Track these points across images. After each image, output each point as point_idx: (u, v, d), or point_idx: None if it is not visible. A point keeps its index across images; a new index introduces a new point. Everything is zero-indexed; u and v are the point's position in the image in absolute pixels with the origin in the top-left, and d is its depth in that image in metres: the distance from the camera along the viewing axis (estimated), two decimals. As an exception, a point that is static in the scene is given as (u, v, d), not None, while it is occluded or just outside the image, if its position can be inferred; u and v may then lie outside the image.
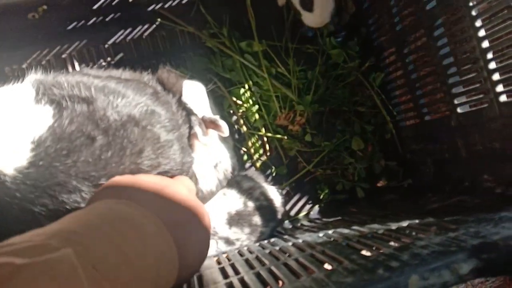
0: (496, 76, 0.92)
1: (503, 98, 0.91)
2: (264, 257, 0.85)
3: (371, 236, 0.79)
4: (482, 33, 0.94)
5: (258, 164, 1.31)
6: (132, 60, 1.27)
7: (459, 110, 1.06)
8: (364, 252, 0.71)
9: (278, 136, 1.29)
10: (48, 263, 0.42)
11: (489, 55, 0.92)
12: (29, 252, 0.44)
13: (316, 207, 1.32)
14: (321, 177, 1.32)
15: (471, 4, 0.93)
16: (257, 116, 1.29)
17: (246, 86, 1.30)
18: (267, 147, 1.31)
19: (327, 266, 0.69)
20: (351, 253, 0.70)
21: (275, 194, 1.16)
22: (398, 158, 1.34)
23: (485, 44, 0.93)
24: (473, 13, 0.94)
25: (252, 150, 1.30)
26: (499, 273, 0.55)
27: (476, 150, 1.04)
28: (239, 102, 1.30)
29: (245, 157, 1.31)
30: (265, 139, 1.30)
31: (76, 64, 1.25)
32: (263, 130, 1.29)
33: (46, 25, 1.24)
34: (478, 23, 0.94)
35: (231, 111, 1.31)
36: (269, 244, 0.99)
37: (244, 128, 1.30)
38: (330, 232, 0.93)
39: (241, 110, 1.30)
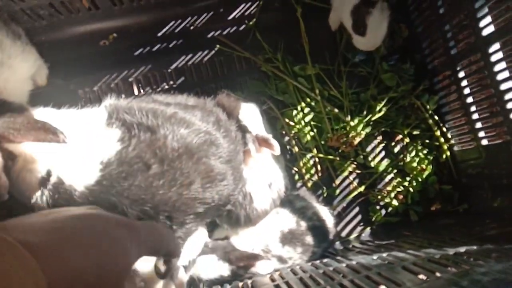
0: (559, 102, 0.90)
1: None
2: (318, 276, 0.87)
3: (428, 260, 0.79)
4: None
5: (309, 184, 1.33)
6: (193, 84, 1.35)
7: (519, 135, 1.03)
8: (421, 276, 0.71)
9: (330, 157, 1.32)
10: None
11: (552, 80, 0.91)
12: None
13: (368, 229, 1.32)
14: (373, 199, 1.33)
15: (531, 29, 0.93)
16: (309, 137, 1.32)
17: (299, 108, 1.34)
18: (319, 167, 1.33)
19: (383, 289, 0.70)
20: (407, 276, 0.71)
21: (327, 215, 1.18)
22: (453, 182, 1.32)
23: (547, 69, 0.91)
24: (534, 38, 0.93)
25: (304, 170, 1.33)
26: None
27: (538, 176, 1.01)
28: (292, 123, 1.34)
29: (296, 177, 1.34)
30: (317, 159, 1.33)
31: (141, 87, 1.34)
32: (315, 150, 1.32)
33: (115, 51, 1.35)
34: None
35: (284, 132, 1.35)
36: (322, 264, 1.01)
37: (296, 149, 1.33)
38: (384, 255, 0.93)
39: (293, 131, 1.34)
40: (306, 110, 1.34)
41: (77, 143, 0.87)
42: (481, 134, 1.19)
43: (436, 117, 1.33)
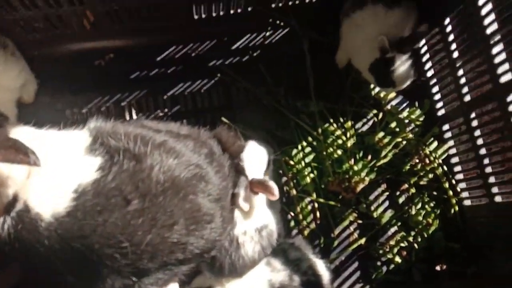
0: None
1: None
2: None
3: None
4: None
5: (305, 232, 1.22)
6: (187, 113, 1.27)
7: (540, 195, 0.94)
8: None
9: (331, 202, 1.21)
10: None
11: None
12: None
13: None
14: (374, 254, 1.21)
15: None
16: (308, 179, 1.23)
17: (299, 147, 1.25)
18: (317, 214, 1.22)
19: None
20: None
21: (324, 270, 1.06)
22: (461, 240, 1.21)
23: None
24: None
25: (301, 216, 1.22)
26: None
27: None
28: (291, 162, 1.24)
29: (292, 223, 1.23)
30: (316, 205, 1.22)
31: (134, 113, 1.26)
32: (314, 195, 1.22)
33: (110, 72, 1.28)
34: None
35: (281, 172, 1.25)
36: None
37: (294, 191, 1.23)
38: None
39: (291, 172, 1.24)
40: (307, 149, 1.25)
41: (52, 167, 0.77)
42: (495, 190, 1.09)
43: (445, 168, 1.24)
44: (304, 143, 1.25)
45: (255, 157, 1.07)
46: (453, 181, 1.23)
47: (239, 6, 1.23)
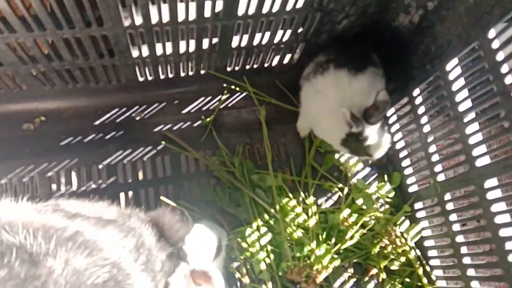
0: None
1: None
2: None
3: None
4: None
5: (259, 329, 1.04)
6: (126, 185, 1.10)
7: (527, 301, 0.80)
8: None
9: (288, 296, 1.04)
10: None
11: None
12: None
13: None
14: None
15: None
16: (263, 265, 1.06)
17: (254, 226, 1.09)
18: (273, 307, 1.05)
19: None
20: None
21: None
22: (439, 337, 1.05)
23: None
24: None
25: (255, 310, 1.04)
26: None
27: None
28: (244, 245, 1.08)
29: (245, 317, 1.05)
30: (272, 297, 1.05)
31: (63, 184, 1.09)
32: (270, 285, 1.05)
33: (39, 138, 1.11)
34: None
35: (233, 256, 1.08)
36: None
37: (247, 280, 1.06)
38: None
39: (244, 256, 1.07)
40: (263, 229, 1.09)
41: None
42: (475, 284, 0.95)
43: (418, 251, 1.10)
44: (260, 222, 1.09)
45: (202, 243, 0.91)
46: (428, 267, 1.09)
47: (190, 69, 1.11)
